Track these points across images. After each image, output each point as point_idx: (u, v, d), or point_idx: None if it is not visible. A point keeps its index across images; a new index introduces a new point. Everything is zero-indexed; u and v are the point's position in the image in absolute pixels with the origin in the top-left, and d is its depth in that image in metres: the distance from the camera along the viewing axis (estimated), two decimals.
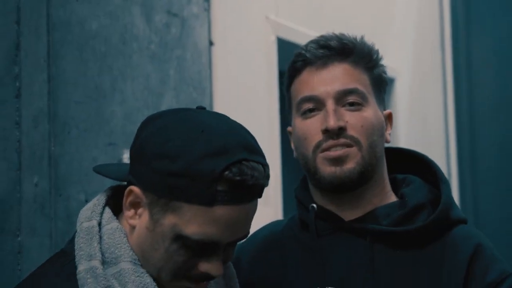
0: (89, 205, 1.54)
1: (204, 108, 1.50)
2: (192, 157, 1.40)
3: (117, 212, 1.53)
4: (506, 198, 4.78)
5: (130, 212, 1.47)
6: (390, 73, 4.34)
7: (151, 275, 1.48)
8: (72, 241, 1.50)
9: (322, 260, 1.72)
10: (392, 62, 4.38)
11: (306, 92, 1.73)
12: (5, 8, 2.09)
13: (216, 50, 2.99)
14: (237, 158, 1.39)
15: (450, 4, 5.00)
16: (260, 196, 1.47)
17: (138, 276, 1.47)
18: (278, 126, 3.30)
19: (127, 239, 1.50)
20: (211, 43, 2.96)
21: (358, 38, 1.80)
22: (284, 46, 3.37)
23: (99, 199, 1.54)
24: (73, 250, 1.49)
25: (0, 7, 2.08)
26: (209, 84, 2.94)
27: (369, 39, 4.21)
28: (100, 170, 1.56)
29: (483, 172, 4.85)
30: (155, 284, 1.47)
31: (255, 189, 1.43)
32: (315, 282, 1.70)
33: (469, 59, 4.93)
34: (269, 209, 3.17)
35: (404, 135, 4.49)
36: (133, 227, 1.48)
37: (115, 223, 1.50)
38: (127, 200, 1.47)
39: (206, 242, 1.42)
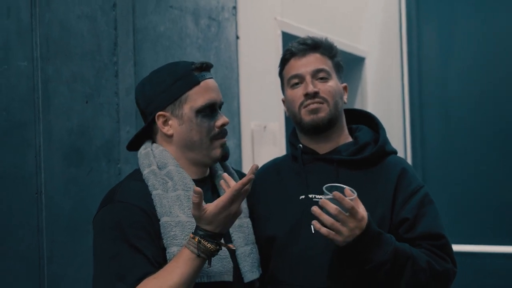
0: (143, 146, 1.74)
1: None
2: (173, 70, 1.70)
3: None
4: (444, 142, 4.76)
5: (165, 129, 1.69)
6: (361, 53, 4.34)
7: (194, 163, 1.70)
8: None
9: (306, 178, 1.84)
10: (364, 46, 4.38)
11: (293, 72, 1.86)
12: (108, 19, 2.27)
13: (241, 42, 3.05)
14: (193, 61, 1.70)
15: (405, 2, 4.92)
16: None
17: (179, 172, 1.67)
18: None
19: (170, 154, 1.68)
20: (237, 37, 3.03)
21: (324, 38, 1.92)
22: (287, 38, 3.37)
23: (148, 142, 1.74)
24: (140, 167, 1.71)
25: (104, 19, 2.26)
26: (236, 65, 3.00)
27: (349, 29, 4.24)
28: (132, 142, 1.79)
29: (428, 120, 4.82)
30: (190, 177, 1.67)
31: (209, 67, 1.72)
32: (302, 192, 1.83)
33: (419, 42, 4.88)
34: (276, 148, 3.25)
35: (372, 99, 4.45)
36: (171, 136, 1.69)
37: (160, 147, 1.70)
38: (159, 123, 1.69)
39: (210, 104, 1.67)
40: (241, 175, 1.87)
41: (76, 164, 2.13)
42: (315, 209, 1.61)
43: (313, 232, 1.70)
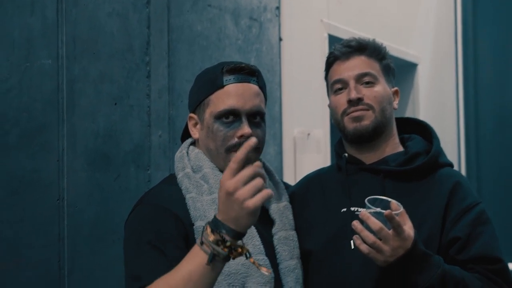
0: (179, 148, 1.70)
1: None
2: (206, 71, 1.67)
3: None
4: (500, 153, 4.66)
5: (193, 131, 1.67)
6: (413, 59, 4.23)
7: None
8: None
9: (349, 190, 1.77)
10: (415, 51, 4.28)
11: (336, 77, 1.80)
12: (140, 17, 2.21)
13: (284, 44, 2.98)
14: (229, 62, 1.63)
15: (461, 4, 4.83)
16: (255, 78, 1.63)
17: (215, 175, 1.60)
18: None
19: (205, 156, 1.64)
20: (280, 39, 2.96)
21: (371, 39, 1.85)
22: (333, 41, 3.21)
23: (186, 143, 1.71)
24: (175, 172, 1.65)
25: (136, 17, 2.20)
26: (278, 68, 2.94)
27: (400, 33, 4.19)
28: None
29: (484, 131, 4.74)
30: None
31: (247, 70, 1.61)
32: (344, 204, 1.76)
33: (475, 46, 4.79)
34: (320, 155, 3.19)
35: (424, 108, 4.33)
36: (197, 140, 1.66)
37: (196, 150, 1.66)
38: (190, 125, 1.67)
39: (230, 110, 1.58)
40: (287, 185, 1.83)
41: (102, 169, 2.06)
42: (356, 224, 1.52)
43: (352, 247, 1.63)
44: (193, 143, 1.71)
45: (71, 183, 1.95)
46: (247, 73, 1.61)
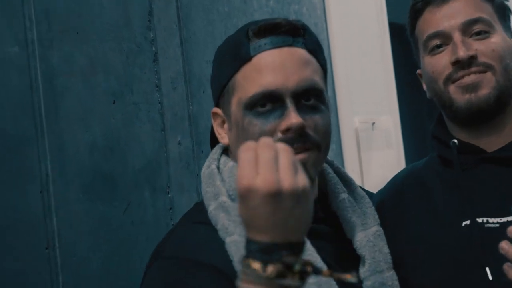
0: (207, 161, 1.57)
1: None
2: (227, 40, 1.53)
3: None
4: None
5: (220, 135, 1.54)
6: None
7: None
8: None
9: (469, 193, 1.67)
10: None
11: (431, 30, 1.71)
12: None
13: (330, 3, 3.00)
14: (256, 22, 1.47)
15: None
16: (300, 38, 1.45)
17: None
18: (392, 71, 3.27)
19: None
20: None
21: None
22: None
23: (215, 151, 1.57)
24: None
25: None
26: (326, 34, 2.95)
27: None
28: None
29: None
30: None
31: (286, 28, 1.44)
32: (464, 214, 1.65)
33: None
34: (391, 150, 3.24)
35: None
36: (228, 147, 1.54)
37: (231, 163, 1.51)
38: (215, 126, 1.54)
39: (266, 93, 1.42)
40: (369, 194, 1.73)
41: (105, 198, 1.96)
42: (505, 246, 1.39)
43: (490, 279, 1.56)
44: (226, 151, 1.59)
45: (63, 222, 1.82)
46: (286, 32, 1.44)
